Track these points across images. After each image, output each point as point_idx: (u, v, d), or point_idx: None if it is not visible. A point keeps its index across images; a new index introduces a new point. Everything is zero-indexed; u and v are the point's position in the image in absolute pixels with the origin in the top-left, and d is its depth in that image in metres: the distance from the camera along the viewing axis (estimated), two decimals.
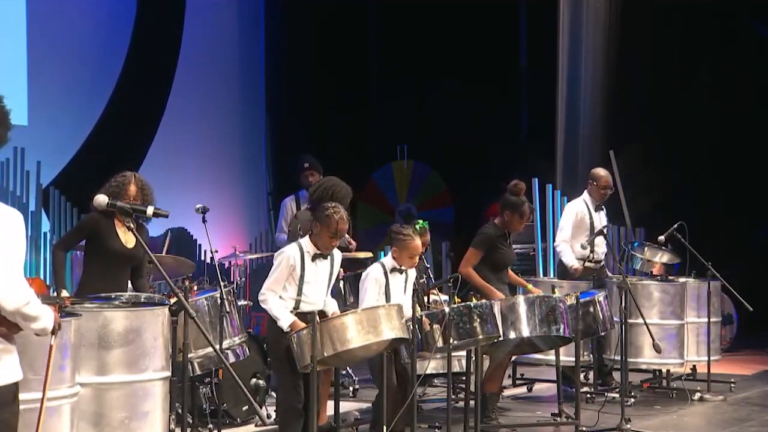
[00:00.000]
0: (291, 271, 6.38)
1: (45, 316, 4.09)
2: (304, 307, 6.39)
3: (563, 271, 9.72)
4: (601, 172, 9.80)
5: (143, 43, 13.22)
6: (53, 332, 4.20)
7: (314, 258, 6.44)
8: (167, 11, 13.68)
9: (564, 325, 7.49)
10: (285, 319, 6.31)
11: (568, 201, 11.63)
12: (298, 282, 6.39)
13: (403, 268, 7.04)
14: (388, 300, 6.92)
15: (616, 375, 9.36)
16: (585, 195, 9.73)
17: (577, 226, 9.56)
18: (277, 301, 6.37)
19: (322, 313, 6.44)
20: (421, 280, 7.58)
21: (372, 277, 6.98)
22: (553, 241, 10.23)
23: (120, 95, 12.95)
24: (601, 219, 9.67)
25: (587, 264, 9.56)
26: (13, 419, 4.14)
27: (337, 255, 6.62)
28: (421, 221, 7.41)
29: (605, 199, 9.77)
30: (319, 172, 9.79)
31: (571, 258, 9.50)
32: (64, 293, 6.52)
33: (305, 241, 6.48)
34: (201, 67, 14.06)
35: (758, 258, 13.04)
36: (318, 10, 14.64)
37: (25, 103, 11.72)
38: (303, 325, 6.26)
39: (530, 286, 8.39)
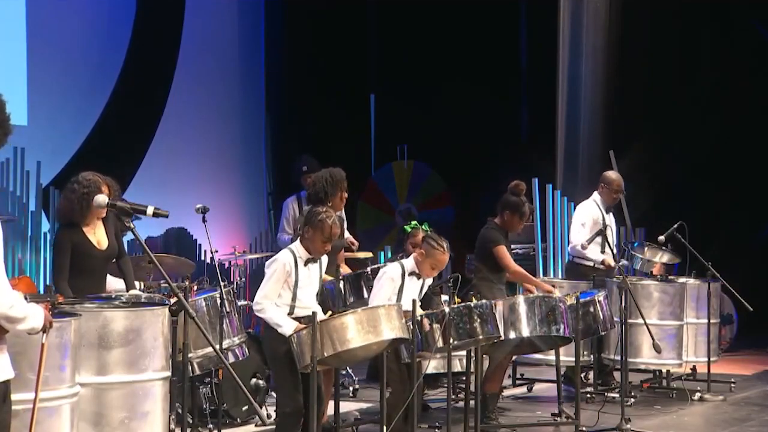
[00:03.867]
0: (286, 278, 6.37)
1: (32, 316, 4.07)
2: (299, 312, 6.38)
3: (575, 272, 9.69)
4: (612, 175, 9.81)
5: (143, 43, 13.22)
6: (44, 330, 4.19)
7: (306, 263, 6.43)
8: (167, 11, 13.67)
9: (564, 325, 7.49)
10: (287, 326, 6.27)
11: (569, 201, 11.66)
12: (292, 288, 6.38)
13: (421, 274, 7.03)
14: (399, 302, 6.90)
15: (616, 375, 9.36)
16: (595, 196, 9.74)
17: (590, 227, 9.53)
18: (275, 308, 6.33)
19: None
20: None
21: (388, 276, 6.97)
22: (568, 243, 10.13)
23: (120, 95, 12.95)
24: (610, 221, 9.69)
25: (598, 266, 9.55)
26: (7, 418, 4.14)
27: (324, 258, 6.61)
28: (414, 222, 7.41)
29: (616, 202, 9.79)
30: None
31: (596, 254, 9.47)
32: None
33: (297, 246, 6.46)
34: (201, 67, 14.06)
35: (758, 258, 13.04)
36: (318, 10, 14.63)
37: (25, 103, 11.72)
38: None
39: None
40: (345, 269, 8.17)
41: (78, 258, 6.59)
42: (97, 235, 6.66)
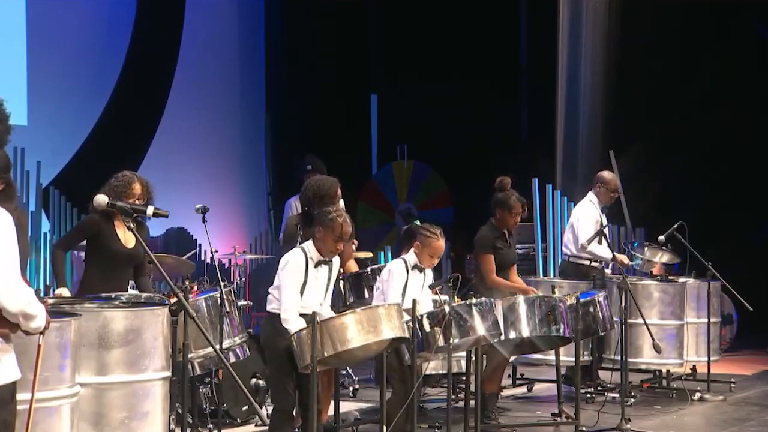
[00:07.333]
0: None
1: (41, 314, 4.12)
2: (300, 311, 6.36)
3: (571, 272, 9.66)
4: (609, 175, 9.80)
5: (143, 43, 13.23)
6: (42, 331, 4.21)
7: (317, 264, 6.38)
8: (167, 11, 13.69)
9: (564, 325, 7.49)
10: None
11: (569, 201, 11.65)
12: (300, 288, 6.36)
13: (423, 266, 7.05)
14: (404, 297, 6.90)
15: (616, 375, 9.34)
16: (591, 196, 9.71)
17: (593, 227, 9.52)
18: (300, 321, 6.21)
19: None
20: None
21: (395, 272, 6.96)
22: (566, 245, 10.06)
23: (120, 95, 12.96)
24: (604, 221, 9.70)
25: (593, 264, 9.55)
26: (12, 418, 4.16)
27: (336, 261, 6.57)
28: (417, 221, 7.41)
29: (613, 201, 9.79)
30: (322, 173, 9.78)
31: (606, 251, 9.43)
32: (65, 292, 6.53)
33: (309, 246, 6.39)
34: (201, 67, 14.07)
35: (758, 258, 13.04)
36: (318, 10, 14.64)
37: (25, 103, 11.73)
38: None
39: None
40: (353, 267, 8.11)
41: (102, 249, 6.59)
42: (126, 234, 6.65)
